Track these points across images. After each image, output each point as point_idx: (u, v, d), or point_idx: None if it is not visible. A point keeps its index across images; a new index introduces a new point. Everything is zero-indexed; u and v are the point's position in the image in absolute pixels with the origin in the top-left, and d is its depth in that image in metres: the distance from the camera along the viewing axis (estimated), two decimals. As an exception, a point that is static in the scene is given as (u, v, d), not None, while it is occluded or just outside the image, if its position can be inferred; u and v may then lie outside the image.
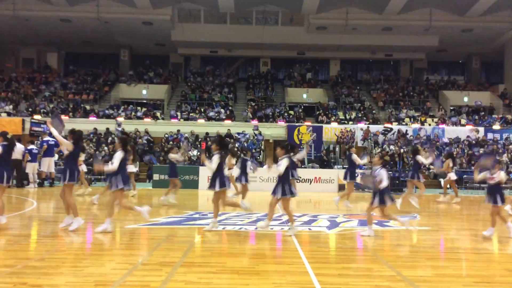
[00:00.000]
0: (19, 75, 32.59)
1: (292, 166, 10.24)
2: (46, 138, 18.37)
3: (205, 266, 5.75)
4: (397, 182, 20.24)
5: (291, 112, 29.03)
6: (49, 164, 18.05)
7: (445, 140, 25.75)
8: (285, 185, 7.94)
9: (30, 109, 27.09)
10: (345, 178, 13.44)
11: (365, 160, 13.64)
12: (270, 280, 5.13)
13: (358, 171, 15.03)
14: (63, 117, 25.72)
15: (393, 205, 8.25)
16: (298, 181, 13.61)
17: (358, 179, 14.24)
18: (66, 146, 8.06)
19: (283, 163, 7.91)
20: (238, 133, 25.13)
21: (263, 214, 11.00)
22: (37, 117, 25.66)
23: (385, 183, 7.80)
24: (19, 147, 17.02)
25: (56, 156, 20.14)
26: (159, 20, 29.36)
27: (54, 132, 8.07)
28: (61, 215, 10.55)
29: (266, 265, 5.90)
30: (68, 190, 8.14)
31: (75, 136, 8.23)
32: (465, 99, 31.60)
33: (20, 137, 21.21)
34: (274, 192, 8.00)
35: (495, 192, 8.19)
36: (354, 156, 13.18)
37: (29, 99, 29.19)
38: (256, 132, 25.42)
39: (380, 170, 8.00)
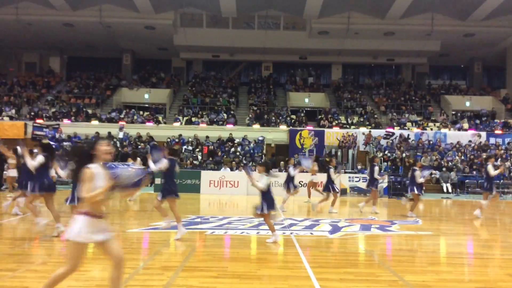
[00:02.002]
0: (22, 79, 32.69)
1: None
2: (47, 142, 18.39)
3: (207, 270, 5.74)
4: (398, 186, 20.23)
5: (293, 116, 29.04)
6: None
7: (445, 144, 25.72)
8: None
9: (32, 113, 27.16)
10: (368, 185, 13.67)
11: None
12: (272, 285, 5.13)
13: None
14: (65, 121, 25.91)
15: None
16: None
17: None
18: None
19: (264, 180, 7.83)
20: (243, 139, 25.16)
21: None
22: (39, 121, 25.73)
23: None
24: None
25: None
26: (162, 24, 29.44)
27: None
28: (62, 219, 10.57)
29: (267, 270, 5.89)
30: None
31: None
32: (467, 103, 31.58)
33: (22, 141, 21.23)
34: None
35: None
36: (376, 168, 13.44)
37: (32, 103, 29.28)
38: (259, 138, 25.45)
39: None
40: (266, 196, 7.72)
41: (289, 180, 13.54)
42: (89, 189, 3.85)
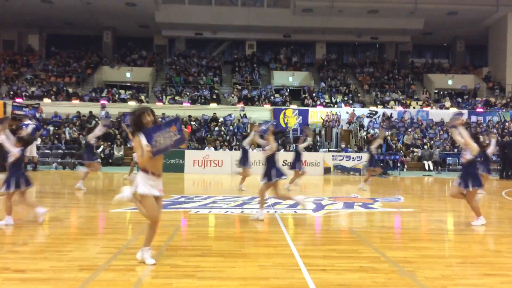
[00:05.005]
0: (0, 58, 31.91)
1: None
2: (27, 121, 18.07)
3: (191, 249, 5.74)
4: (381, 164, 20.44)
5: (277, 95, 28.98)
6: (31, 148, 17.82)
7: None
8: None
9: (11, 92, 26.61)
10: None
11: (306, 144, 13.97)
12: (256, 263, 5.16)
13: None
14: (45, 100, 25.47)
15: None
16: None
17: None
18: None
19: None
20: (224, 117, 25.04)
21: (249, 197, 11.04)
22: (18, 100, 25.23)
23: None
24: None
25: (39, 140, 19.89)
26: (143, 1, 28.83)
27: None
28: (44, 199, 10.46)
29: (252, 248, 5.91)
30: None
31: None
32: (450, 82, 31.86)
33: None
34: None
35: None
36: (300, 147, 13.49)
37: (10, 81, 28.65)
38: (242, 114, 25.35)
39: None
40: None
41: None
42: None
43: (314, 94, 28.72)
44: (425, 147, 23.22)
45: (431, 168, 22.11)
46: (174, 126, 4.79)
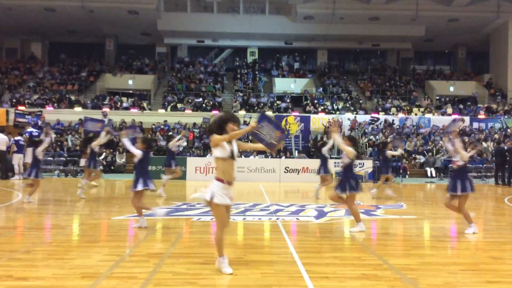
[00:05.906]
0: (3, 65, 32.05)
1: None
2: (30, 129, 18.14)
3: (193, 257, 5.73)
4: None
5: (279, 102, 29.00)
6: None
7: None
8: None
9: (14, 100, 26.69)
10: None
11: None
12: (259, 270, 5.15)
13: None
14: (48, 108, 25.53)
15: None
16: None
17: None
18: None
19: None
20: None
21: (251, 204, 11.03)
22: (21, 108, 25.32)
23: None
24: (2, 138, 16.81)
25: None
26: (145, 9, 28.95)
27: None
28: (46, 207, 10.48)
29: (254, 255, 5.90)
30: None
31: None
32: (451, 88, 31.86)
33: (4, 128, 20.90)
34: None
35: None
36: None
37: (13, 89, 28.75)
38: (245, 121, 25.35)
39: None
40: None
41: None
42: None
43: (315, 101, 28.76)
44: (429, 153, 23.15)
45: (433, 174, 22.04)
46: (279, 133, 4.96)
